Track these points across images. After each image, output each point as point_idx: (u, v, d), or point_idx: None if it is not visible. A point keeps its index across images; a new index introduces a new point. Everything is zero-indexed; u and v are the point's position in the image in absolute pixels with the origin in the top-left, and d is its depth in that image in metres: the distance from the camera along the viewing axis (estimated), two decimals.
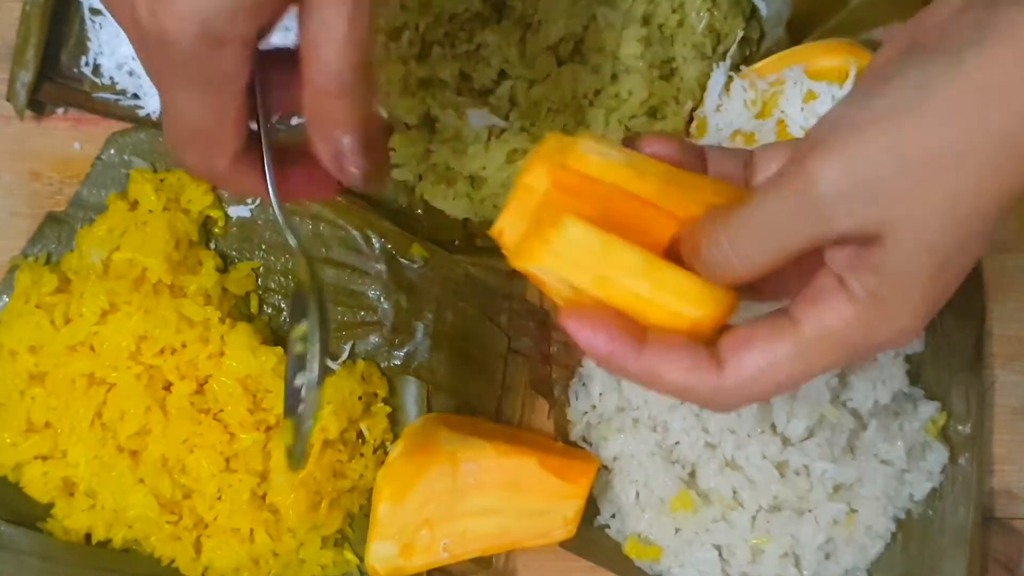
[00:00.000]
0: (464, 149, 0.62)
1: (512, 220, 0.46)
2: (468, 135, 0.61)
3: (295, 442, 0.49)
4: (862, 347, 0.41)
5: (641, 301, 0.42)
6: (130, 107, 0.69)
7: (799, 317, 0.41)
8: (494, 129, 0.62)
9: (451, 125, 0.62)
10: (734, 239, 0.41)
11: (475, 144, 0.61)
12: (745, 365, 0.41)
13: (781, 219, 0.40)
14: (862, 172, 0.38)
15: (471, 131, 0.61)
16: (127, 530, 0.64)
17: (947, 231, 0.38)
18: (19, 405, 0.64)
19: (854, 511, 0.65)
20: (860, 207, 0.38)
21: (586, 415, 0.68)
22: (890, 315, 0.40)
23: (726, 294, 0.43)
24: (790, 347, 0.41)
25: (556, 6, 0.64)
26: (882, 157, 0.37)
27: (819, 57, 0.65)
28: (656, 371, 0.42)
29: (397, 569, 0.64)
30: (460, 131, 0.61)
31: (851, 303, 0.40)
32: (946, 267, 0.39)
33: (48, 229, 0.69)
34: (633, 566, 0.67)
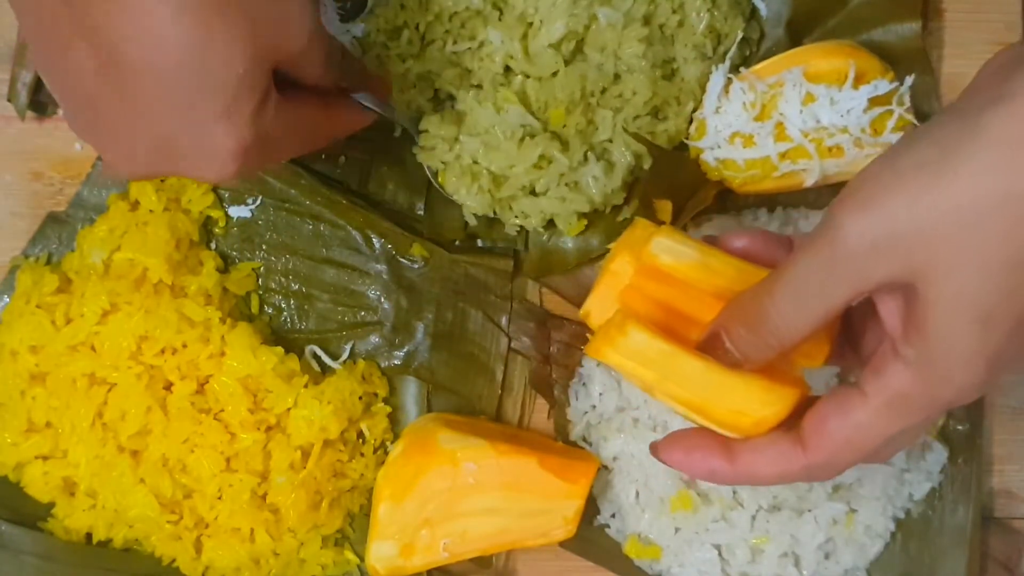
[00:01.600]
0: (497, 145, 0.62)
1: (599, 302, 0.50)
2: (504, 132, 0.62)
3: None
4: (931, 407, 0.43)
5: (706, 405, 0.46)
6: None
7: (866, 389, 0.44)
8: (527, 129, 0.63)
9: (486, 119, 0.63)
10: (779, 304, 0.43)
11: (509, 141, 0.62)
12: (827, 443, 0.45)
13: (818, 277, 0.42)
14: (888, 225, 0.39)
15: (507, 128, 0.62)
16: (128, 530, 0.65)
17: (983, 282, 0.39)
18: (20, 405, 0.64)
19: (853, 511, 0.65)
20: (889, 256, 0.40)
21: (586, 415, 0.68)
22: (944, 373, 0.41)
23: (786, 391, 0.46)
24: (863, 418, 0.44)
25: (556, 5, 0.64)
26: (905, 211, 0.39)
27: (818, 59, 0.65)
28: (752, 473, 0.47)
29: (397, 569, 0.64)
30: (494, 126, 0.62)
31: (907, 369, 0.42)
32: (993, 319, 0.40)
33: (49, 229, 0.69)
34: (633, 566, 0.68)
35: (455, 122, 0.63)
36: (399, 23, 0.67)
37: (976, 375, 0.41)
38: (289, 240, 0.69)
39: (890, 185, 0.40)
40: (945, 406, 0.43)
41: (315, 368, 0.68)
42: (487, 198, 0.64)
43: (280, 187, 0.69)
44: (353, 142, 0.69)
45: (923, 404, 0.43)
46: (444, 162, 0.64)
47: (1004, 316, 0.40)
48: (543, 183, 0.63)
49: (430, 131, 0.63)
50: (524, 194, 0.64)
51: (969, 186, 0.38)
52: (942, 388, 0.42)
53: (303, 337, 0.69)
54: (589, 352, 0.48)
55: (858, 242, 0.40)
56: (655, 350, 0.46)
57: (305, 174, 0.69)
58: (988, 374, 0.41)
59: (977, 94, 0.40)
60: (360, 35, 0.69)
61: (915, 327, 0.41)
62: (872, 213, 0.40)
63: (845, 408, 0.44)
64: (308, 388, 0.65)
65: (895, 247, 0.40)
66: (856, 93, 0.64)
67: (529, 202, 0.64)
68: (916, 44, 0.69)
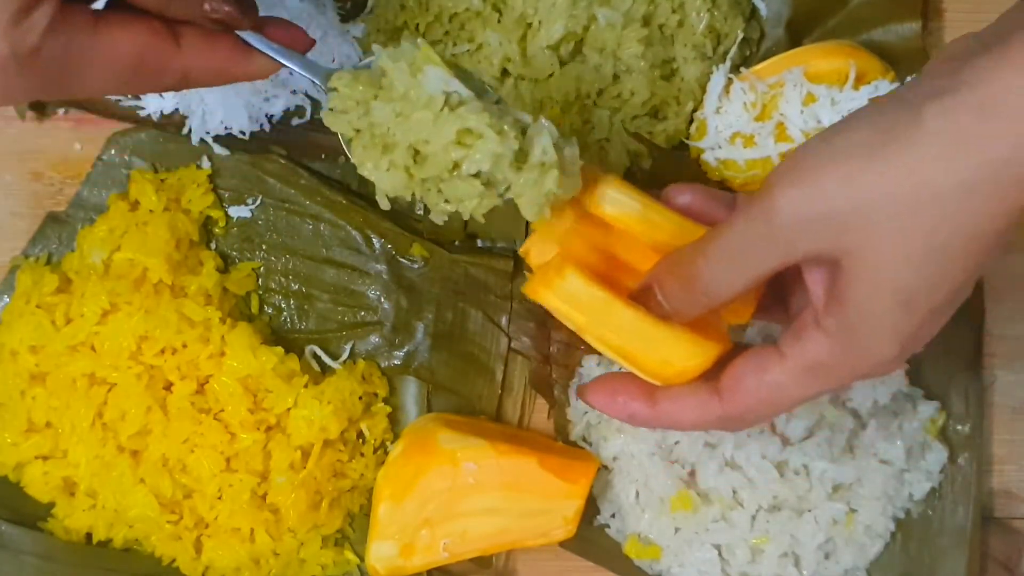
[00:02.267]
0: (409, 113, 0.48)
1: (540, 242, 0.51)
2: (419, 97, 0.48)
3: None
4: (846, 376, 0.45)
5: (633, 352, 0.48)
6: (130, 107, 0.69)
7: (785, 351, 0.46)
8: (452, 98, 0.49)
9: (400, 80, 0.49)
10: (712, 265, 0.45)
11: (424, 111, 0.48)
12: (743, 397, 0.47)
13: (751, 243, 0.43)
14: (820, 202, 0.41)
15: (424, 93, 0.48)
16: (128, 530, 0.65)
17: (907, 266, 0.41)
18: (20, 405, 0.64)
19: (853, 511, 0.65)
20: (817, 233, 0.41)
21: (586, 415, 0.68)
22: (863, 348, 0.43)
23: (709, 345, 0.48)
24: (779, 378, 0.46)
25: (556, 6, 0.64)
26: (838, 191, 0.40)
27: (819, 59, 0.65)
28: (670, 418, 0.50)
29: (397, 569, 0.64)
30: (410, 90, 0.48)
31: (826, 339, 0.44)
32: (913, 303, 0.42)
33: (49, 229, 0.69)
34: (633, 566, 0.68)
35: (373, 84, 0.50)
36: (399, 23, 0.67)
37: (891, 352, 0.43)
38: (289, 240, 0.69)
39: (826, 164, 0.41)
40: (858, 377, 0.45)
41: (315, 368, 0.68)
42: (402, 176, 0.50)
43: (280, 187, 0.69)
44: None
45: (838, 373, 0.45)
46: (357, 130, 0.51)
47: (923, 302, 0.42)
48: (471, 164, 0.48)
49: (340, 90, 0.50)
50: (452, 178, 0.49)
51: (902, 176, 0.39)
52: (857, 361, 0.44)
53: (303, 337, 0.69)
54: (525, 291, 0.50)
55: (790, 216, 0.41)
56: (590, 296, 0.48)
57: (305, 174, 0.69)
58: (902, 352, 0.43)
59: (923, 83, 0.41)
60: (360, 35, 0.69)
61: (838, 300, 0.43)
62: (806, 189, 0.41)
63: (763, 367, 0.46)
64: (308, 388, 0.65)
65: (825, 224, 0.41)
66: (857, 93, 0.64)
67: (464, 185, 0.49)
68: (916, 44, 0.69)
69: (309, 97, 0.69)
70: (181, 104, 0.68)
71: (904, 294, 0.41)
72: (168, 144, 0.69)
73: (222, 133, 0.68)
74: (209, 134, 0.68)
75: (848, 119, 0.42)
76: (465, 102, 0.48)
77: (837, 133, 0.42)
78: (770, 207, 0.42)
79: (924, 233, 0.40)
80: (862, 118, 0.41)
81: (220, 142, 0.69)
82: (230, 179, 0.69)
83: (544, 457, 0.64)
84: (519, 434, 0.69)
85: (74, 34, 0.44)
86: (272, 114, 0.69)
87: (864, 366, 0.44)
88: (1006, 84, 0.38)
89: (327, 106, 0.50)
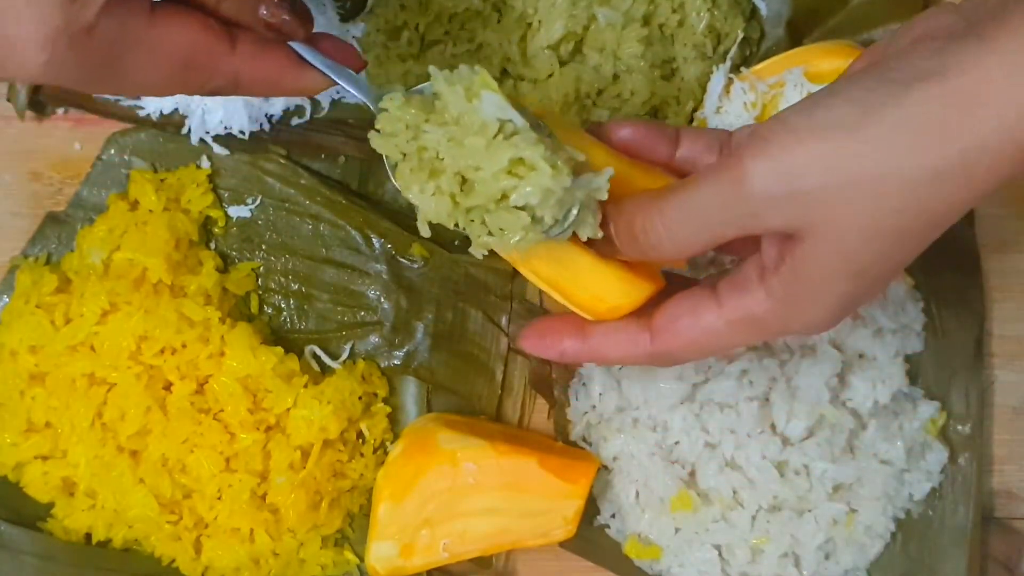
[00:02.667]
0: (461, 138, 0.47)
1: None
2: (472, 123, 0.47)
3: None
4: (776, 332, 0.47)
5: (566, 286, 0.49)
6: (130, 107, 0.69)
7: (723, 299, 0.46)
8: (506, 127, 0.48)
9: (456, 104, 0.48)
10: (669, 223, 0.44)
11: (477, 136, 0.47)
12: (674, 338, 0.48)
13: (713, 208, 0.43)
14: (793, 178, 0.40)
15: (478, 119, 0.47)
16: (127, 530, 0.65)
17: (866, 243, 0.41)
18: (19, 405, 0.64)
19: (854, 511, 0.65)
20: (787, 209, 0.41)
21: (586, 415, 0.68)
22: (803, 312, 0.44)
23: (643, 284, 0.49)
24: (713, 325, 0.47)
25: (556, 6, 0.64)
26: (813, 166, 0.40)
27: (819, 59, 0.65)
28: (601, 353, 0.51)
29: (397, 569, 0.64)
30: (464, 115, 0.47)
31: (768, 299, 0.45)
32: (863, 274, 0.43)
33: (48, 229, 0.69)
34: (633, 566, 0.68)
35: (424, 108, 0.49)
36: (399, 23, 0.67)
37: (829, 318, 0.45)
38: (289, 240, 0.69)
39: (805, 139, 0.40)
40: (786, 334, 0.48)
41: (315, 368, 0.68)
42: (447, 203, 0.48)
43: (280, 187, 0.69)
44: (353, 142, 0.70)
45: (772, 329, 0.46)
46: (404, 153, 0.50)
47: (871, 275, 0.43)
48: (520, 196, 0.46)
49: (391, 112, 0.49)
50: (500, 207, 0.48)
51: (879, 158, 0.39)
52: (794, 322, 0.45)
53: (303, 337, 0.69)
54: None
55: (761, 189, 0.41)
56: None
57: (305, 174, 0.69)
58: (837, 319, 0.45)
59: (905, 61, 0.40)
60: (360, 35, 0.69)
61: (791, 268, 0.43)
62: (781, 164, 0.41)
63: (698, 311, 0.47)
64: (308, 388, 0.65)
65: (796, 201, 0.41)
66: None
67: (509, 217, 0.47)
68: None
69: (308, 97, 0.69)
70: (180, 104, 0.68)
71: (856, 267, 0.42)
72: (168, 144, 0.69)
73: (221, 133, 0.68)
74: (209, 134, 0.68)
75: (828, 92, 0.42)
76: (519, 132, 0.47)
77: (817, 106, 0.41)
78: (741, 177, 0.41)
79: (889, 214, 0.40)
80: (842, 93, 0.41)
81: (220, 142, 0.69)
82: (230, 179, 0.69)
83: (544, 457, 0.64)
84: (519, 434, 0.69)
85: (129, 19, 0.42)
86: (272, 114, 0.69)
87: (799, 327, 0.46)
88: (989, 74, 0.38)
89: (376, 127, 0.49)
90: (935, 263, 0.69)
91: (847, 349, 0.65)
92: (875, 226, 0.41)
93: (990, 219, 0.71)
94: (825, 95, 0.41)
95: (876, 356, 0.65)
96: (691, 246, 0.45)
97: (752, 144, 0.41)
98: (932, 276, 0.69)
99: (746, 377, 0.63)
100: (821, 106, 0.41)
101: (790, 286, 0.44)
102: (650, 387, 0.64)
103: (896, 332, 0.66)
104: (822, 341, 0.64)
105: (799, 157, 0.40)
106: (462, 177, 0.48)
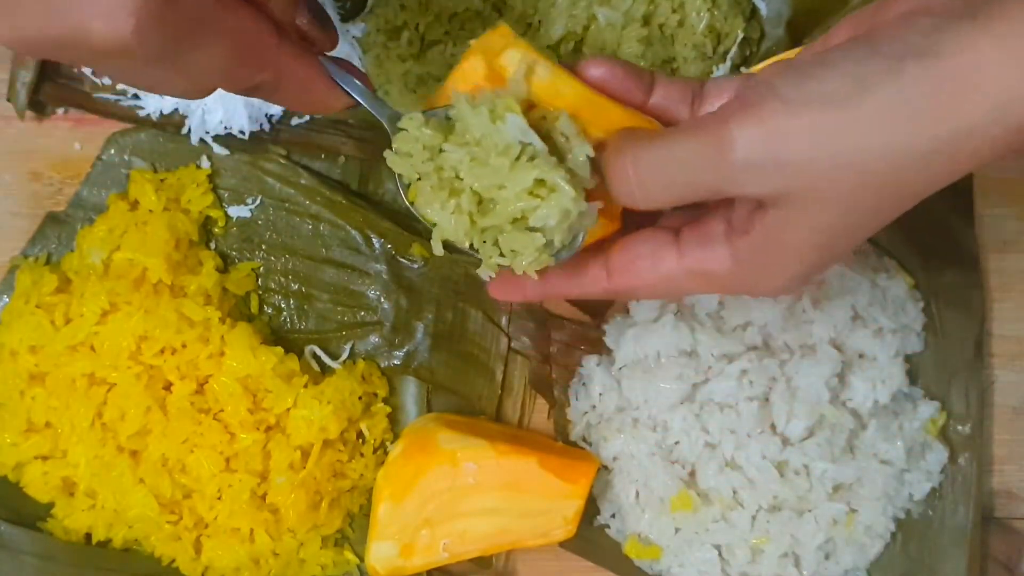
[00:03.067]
0: (486, 159, 0.48)
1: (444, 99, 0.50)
2: (495, 144, 0.48)
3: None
4: (732, 291, 0.47)
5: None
6: (130, 107, 0.69)
7: (685, 249, 0.47)
8: (527, 150, 0.48)
9: (479, 126, 0.49)
10: (641, 173, 0.44)
11: (501, 157, 0.48)
12: (632, 278, 0.49)
13: (691, 166, 0.42)
14: (779, 147, 0.40)
15: (502, 140, 0.48)
16: (127, 530, 0.65)
17: (841, 217, 0.41)
18: (19, 405, 0.64)
19: (854, 511, 0.65)
20: (769, 178, 0.41)
21: (586, 415, 0.68)
22: (764, 276, 0.45)
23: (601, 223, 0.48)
24: (671, 272, 0.47)
25: (556, 6, 0.64)
26: (801, 138, 0.39)
27: None
28: (559, 292, 0.52)
29: (397, 569, 0.64)
30: (487, 136, 0.48)
31: (732, 258, 0.45)
32: (830, 246, 0.43)
33: (48, 229, 0.69)
34: (633, 566, 0.68)
35: (441, 129, 0.50)
36: (399, 23, 0.67)
37: (790, 285, 0.45)
38: (289, 240, 0.69)
39: (796, 109, 0.40)
40: (745, 293, 0.47)
41: (315, 368, 0.68)
42: (465, 222, 0.49)
43: (280, 187, 0.69)
44: (353, 141, 0.70)
45: (729, 287, 0.47)
46: (419, 175, 0.50)
47: (838, 246, 0.43)
48: (538, 217, 0.48)
49: (410, 132, 0.50)
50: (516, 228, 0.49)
51: (868, 134, 0.39)
52: (753, 285, 0.46)
53: (303, 337, 0.69)
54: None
55: (745, 155, 0.40)
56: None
57: (305, 174, 0.69)
58: (798, 286, 0.45)
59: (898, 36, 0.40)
60: (360, 35, 0.69)
61: (761, 233, 0.43)
62: (768, 132, 0.40)
63: (659, 255, 0.48)
64: (308, 388, 0.65)
65: (779, 172, 0.40)
66: None
67: (523, 238, 0.48)
68: None
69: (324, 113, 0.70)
70: (180, 104, 0.68)
71: (826, 239, 0.42)
72: (168, 144, 0.69)
73: (221, 133, 0.68)
74: (208, 134, 0.68)
75: (819, 63, 0.41)
76: (538, 155, 0.48)
77: (808, 77, 0.40)
78: (725, 139, 0.41)
79: (870, 190, 0.40)
80: (835, 65, 0.40)
81: (219, 142, 0.69)
82: (230, 179, 0.69)
83: (544, 457, 0.64)
84: (519, 434, 0.69)
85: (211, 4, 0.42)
86: (272, 114, 0.69)
87: (756, 290, 0.46)
88: (984, 57, 0.38)
89: (393, 147, 0.50)
90: (935, 263, 0.69)
91: (847, 349, 0.65)
92: (853, 201, 0.41)
93: (990, 219, 0.71)
94: (816, 66, 0.41)
95: (876, 356, 0.65)
96: (660, 199, 0.45)
97: (740, 109, 0.41)
98: (932, 276, 0.69)
99: (746, 377, 0.63)
100: (813, 78, 0.40)
101: (756, 251, 0.44)
102: (650, 387, 0.65)
103: (896, 332, 0.66)
104: (822, 341, 0.65)
105: (787, 128, 0.40)
106: (478, 197, 0.49)
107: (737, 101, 0.41)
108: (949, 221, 0.70)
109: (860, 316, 0.65)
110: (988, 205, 0.71)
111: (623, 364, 0.67)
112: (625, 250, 0.49)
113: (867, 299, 0.65)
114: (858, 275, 0.66)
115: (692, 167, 0.42)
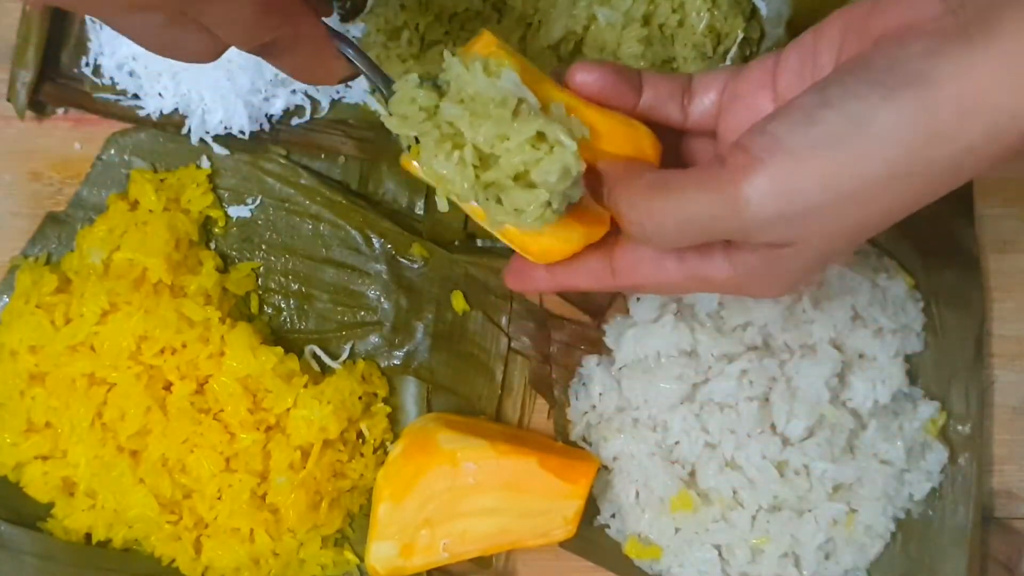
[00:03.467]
0: (486, 111, 0.47)
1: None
2: (493, 97, 0.48)
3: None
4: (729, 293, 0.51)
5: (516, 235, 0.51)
6: (130, 107, 0.69)
7: (686, 256, 0.48)
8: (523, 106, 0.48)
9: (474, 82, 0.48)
10: (656, 222, 0.45)
11: (502, 108, 0.47)
12: (636, 278, 0.51)
13: (705, 218, 0.43)
14: (790, 203, 0.41)
15: (499, 93, 0.48)
16: (127, 530, 0.65)
17: (847, 243, 0.44)
18: (19, 405, 0.64)
19: (854, 511, 0.65)
20: (780, 228, 0.42)
21: (586, 415, 0.68)
22: (760, 286, 0.48)
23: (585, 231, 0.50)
24: (673, 274, 0.49)
25: (556, 6, 0.64)
26: (811, 189, 0.41)
27: None
28: (567, 285, 0.54)
29: (397, 569, 0.64)
30: (483, 91, 0.48)
31: (731, 269, 0.47)
32: (827, 259, 0.46)
33: (48, 229, 0.69)
34: (633, 566, 0.68)
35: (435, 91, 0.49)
36: (399, 23, 0.67)
37: (784, 291, 0.48)
38: (289, 240, 0.69)
39: (802, 159, 0.40)
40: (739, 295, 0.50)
41: (315, 368, 0.68)
42: (470, 174, 0.49)
43: (280, 187, 0.69)
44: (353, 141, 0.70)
45: (726, 292, 0.50)
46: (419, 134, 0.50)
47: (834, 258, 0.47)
48: (540, 172, 0.47)
49: (404, 92, 0.49)
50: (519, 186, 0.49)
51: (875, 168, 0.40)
52: (749, 292, 0.49)
53: (303, 337, 0.69)
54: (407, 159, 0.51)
55: (757, 211, 0.41)
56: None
57: (305, 174, 0.69)
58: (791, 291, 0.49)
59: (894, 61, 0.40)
60: (360, 35, 0.69)
61: (764, 258, 0.45)
62: (780, 190, 0.41)
63: (659, 262, 0.49)
64: (308, 388, 0.65)
65: (790, 225, 0.42)
66: None
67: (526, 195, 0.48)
68: None
69: (309, 97, 0.69)
70: (181, 104, 0.68)
71: (826, 258, 0.45)
72: (168, 144, 0.69)
73: (221, 133, 0.68)
74: (209, 134, 0.68)
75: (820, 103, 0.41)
76: (533, 111, 0.48)
77: (812, 122, 0.41)
78: (739, 199, 0.41)
79: (874, 216, 0.42)
80: (835, 105, 0.40)
81: (220, 142, 0.69)
82: (230, 179, 0.69)
83: (544, 457, 0.64)
84: (519, 434, 0.69)
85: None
86: (272, 114, 0.69)
87: (751, 295, 0.50)
88: (982, 82, 0.38)
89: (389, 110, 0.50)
90: (935, 263, 0.69)
91: (847, 349, 0.65)
92: (858, 228, 0.42)
93: (990, 219, 0.71)
94: (817, 107, 0.41)
95: (876, 356, 0.65)
96: (675, 243, 0.46)
97: (749, 166, 0.41)
98: (932, 276, 0.69)
99: (746, 377, 0.63)
100: (815, 123, 0.41)
101: (757, 268, 0.46)
102: (650, 387, 0.65)
103: (896, 332, 0.66)
104: (822, 341, 0.65)
105: (796, 181, 0.41)
106: (480, 153, 0.48)
107: (745, 155, 0.42)
108: (949, 221, 0.70)
109: (860, 316, 0.65)
110: (988, 205, 0.71)
111: (623, 364, 0.67)
112: (627, 253, 0.50)
113: (867, 299, 0.65)
114: (858, 275, 0.66)
115: (705, 218, 0.43)
